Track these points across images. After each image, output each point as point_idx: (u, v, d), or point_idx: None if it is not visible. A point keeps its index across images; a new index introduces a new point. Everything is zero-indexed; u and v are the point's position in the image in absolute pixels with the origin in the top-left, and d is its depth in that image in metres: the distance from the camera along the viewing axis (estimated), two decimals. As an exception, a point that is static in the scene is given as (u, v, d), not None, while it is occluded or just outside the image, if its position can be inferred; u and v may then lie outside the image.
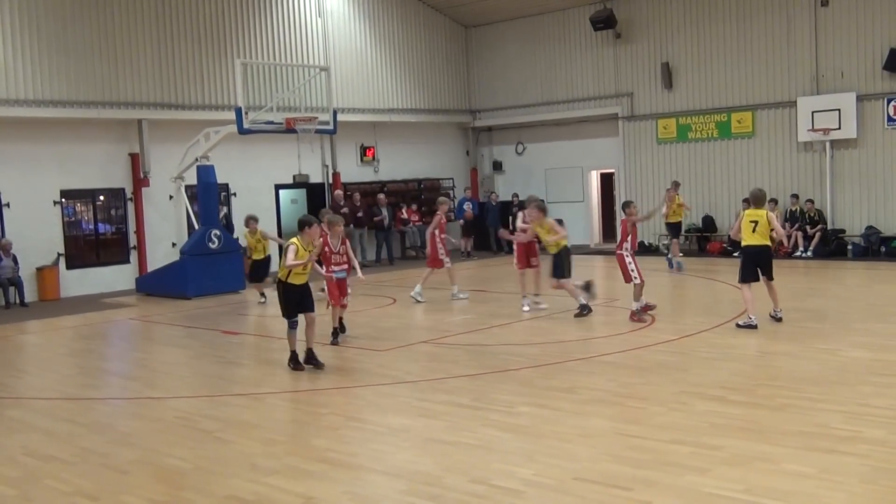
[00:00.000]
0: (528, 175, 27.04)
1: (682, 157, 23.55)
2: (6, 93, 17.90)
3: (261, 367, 11.29)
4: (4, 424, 8.74)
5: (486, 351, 11.23)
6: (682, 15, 23.12)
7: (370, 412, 8.46)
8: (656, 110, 23.88)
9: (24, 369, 12.13)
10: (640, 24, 23.84)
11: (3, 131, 18.36)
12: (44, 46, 18.45)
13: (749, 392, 8.44)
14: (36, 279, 18.80)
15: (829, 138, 20.72)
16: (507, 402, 8.43)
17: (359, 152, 25.13)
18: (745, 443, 6.82)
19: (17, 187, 18.64)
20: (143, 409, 9.19)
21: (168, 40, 20.43)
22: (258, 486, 6.39)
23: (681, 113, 23.40)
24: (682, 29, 23.13)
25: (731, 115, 22.57)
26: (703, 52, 22.86)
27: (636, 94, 24.21)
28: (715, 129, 22.87)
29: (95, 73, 19.23)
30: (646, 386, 8.88)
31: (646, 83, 23.97)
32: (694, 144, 23.29)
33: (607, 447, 6.90)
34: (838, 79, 20.74)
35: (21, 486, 6.69)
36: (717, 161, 22.95)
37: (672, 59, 23.37)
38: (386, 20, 25.14)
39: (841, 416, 7.43)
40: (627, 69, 24.28)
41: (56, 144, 19.21)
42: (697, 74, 23.03)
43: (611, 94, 24.66)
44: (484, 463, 6.67)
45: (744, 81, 22.25)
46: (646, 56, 23.86)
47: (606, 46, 24.51)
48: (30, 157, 18.83)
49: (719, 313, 13.03)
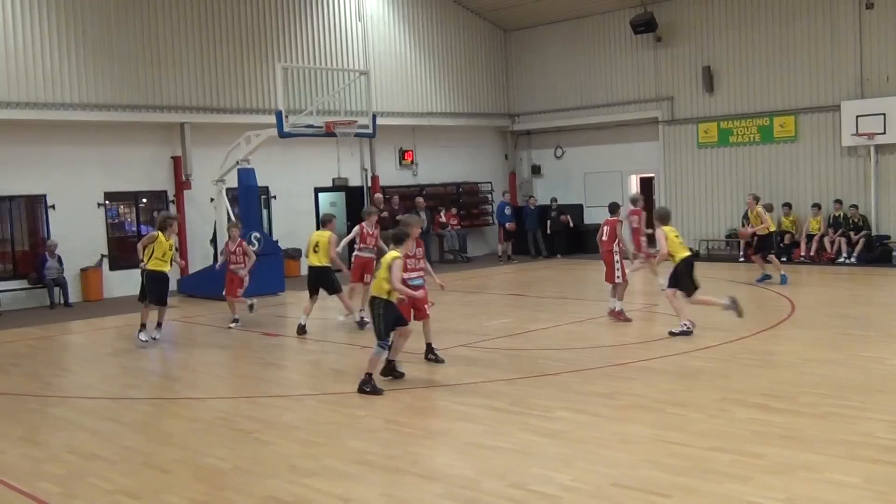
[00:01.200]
0: (567, 179, 26.94)
1: (723, 162, 23.31)
2: (53, 97, 18.21)
3: (300, 369, 11.36)
4: (50, 423, 8.89)
5: (523, 355, 11.20)
6: (723, 18, 22.88)
7: (408, 415, 8.47)
8: (697, 114, 23.66)
9: (68, 368, 12.32)
10: (682, 27, 23.64)
11: (50, 134, 18.69)
12: (89, 51, 18.75)
13: (791, 400, 8.32)
14: (80, 280, 19.09)
15: (874, 143, 20.38)
16: (545, 407, 8.40)
17: (398, 156, 25.21)
18: (787, 451, 6.73)
19: (62, 190, 18.95)
20: (184, 409, 9.29)
21: (210, 45, 20.67)
22: (297, 487, 6.42)
23: (722, 117, 23.16)
24: (724, 32, 22.89)
25: (773, 119, 22.29)
26: (745, 55, 22.60)
27: (677, 98, 24.01)
28: (757, 133, 22.61)
29: (139, 77, 19.50)
30: (686, 392, 8.79)
31: (687, 87, 23.76)
32: (735, 149, 23.03)
33: (646, 453, 6.84)
34: (884, 82, 20.39)
35: (65, 484, 6.79)
36: (759, 166, 22.66)
37: (713, 63, 23.15)
38: (425, 24, 25.21)
39: (886, 426, 7.31)
40: (668, 73, 24.09)
41: (100, 147, 19.51)
42: (739, 78, 22.78)
43: (651, 98, 24.48)
44: (521, 467, 6.65)
45: (786, 85, 21.96)
46: (687, 59, 23.66)
47: (647, 50, 24.34)
48: (75, 159, 19.14)
49: (761, 320, 12.86)
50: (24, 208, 18.83)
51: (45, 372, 11.74)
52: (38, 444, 8.02)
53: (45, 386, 10.78)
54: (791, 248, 21.21)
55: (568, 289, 14.00)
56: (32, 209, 18.91)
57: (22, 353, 13.15)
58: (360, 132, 18.68)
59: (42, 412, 9.37)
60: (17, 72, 17.75)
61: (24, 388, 10.55)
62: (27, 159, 18.46)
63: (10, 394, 10.27)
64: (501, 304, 15.96)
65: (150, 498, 6.39)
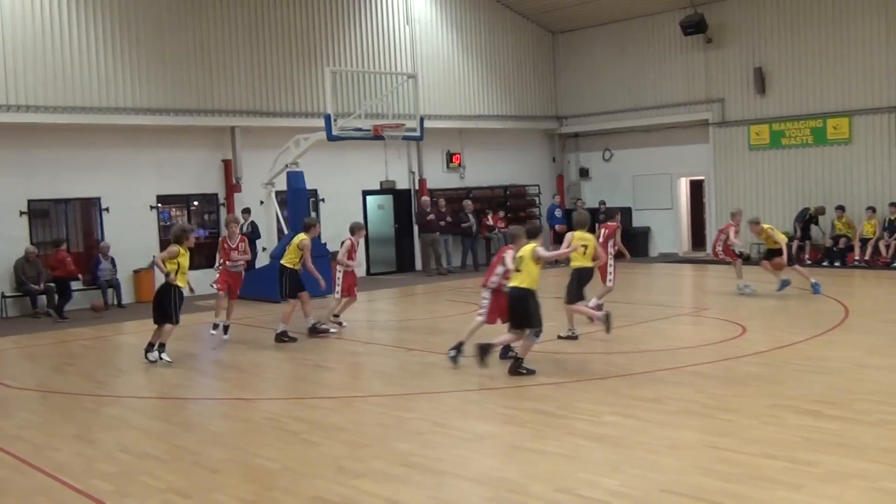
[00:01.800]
0: (615, 182, 26.74)
1: (774, 164, 22.96)
2: (107, 101, 18.55)
3: (347, 371, 11.42)
4: (103, 422, 9.04)
5: (571, 359, 11.14)
6: (775, 18, 22.55)
7: (455, 418, 8.47)
8: (748, 116, 23.34)
9: (121, 368, 12.52)
10: (732, 28, 23.35)
11: (104, 138, 19.03)
12: (142, 56, 19.06)
13: (846, 406, 8.15)
14: (133, 281, 19.39)
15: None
16: (592, 412, 8.34)
17: (445, 158, 25.23)
18: (841, 459, 6.60)
19: (116, 193, 19.29)
20: (234, 409, 9.39)
21: (260, 49, 20.89)
22: (344, 489, 6.45)
23: (774, 119, 22.82)
24: (776, 33, 22.56)
25: (826, 120, 21.90)
26: (797, 56, 22.24)
27: (727, 100, 23.71)
28: (810, 135, 22.23)
29: (191, 82, 19.78)
30: (736, 398, 8.67)
31: (738, 88, 23.46)
32: (787, 151, 22.68)
33: (696, 459, 6.76)
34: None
35: (117, 482, 6.90)
36: (812, 168, 22.28)
37: (765, 64, 22.82)
38: (473, 27, 25.21)
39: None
40: (718, 74, 23.80)
41: (153, 151, 19.82)
42: (792, 79, 22.42)
43: (701, 100, 24.20)
44: (569, 472, 6.61)
45: (840, 86, 21.57)
46: (738, 61, 23.35)
47: (697, 51, 24.08)
48: (128, 163, 19.46)
49: (815, 324, 12.64)
50: (80, 211, 19.20)
51: (99, 372, 11.95)
52: (92, 443, 8.16)
53: (98, 385, 10.97)
54: (845, 252, 20.82)
55: (616, 292, 13.87)
56: (87, 212, 19.28)
57: (76, 353, 13.41)
58: (407, 135, 18.75)
59: (96, 411, 9.53)
60: (72, 77, 18.11)
61: (79, 388, 10.76)
62: (82, 163, 18.82)
63: (65, 393, 10.48)
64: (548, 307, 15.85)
65: (201, 497, 6.46)
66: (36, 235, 18.40)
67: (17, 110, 17.48)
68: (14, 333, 15.49)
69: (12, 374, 12.04)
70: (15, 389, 10.84)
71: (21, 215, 18.15)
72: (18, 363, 13.02)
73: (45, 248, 18.39)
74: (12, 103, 17.39)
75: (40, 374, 11.95)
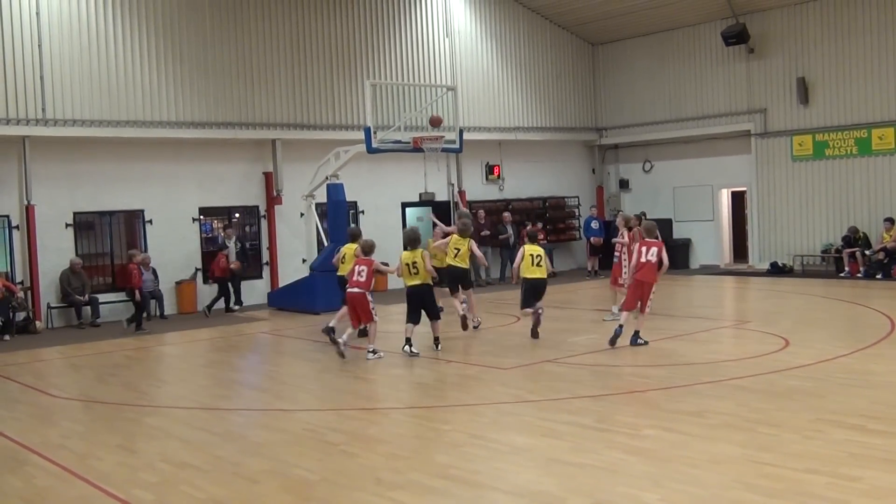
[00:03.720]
0: (656, 193, 26.55)
1: (818, 175, 22.65)
2: (151, 115, 18.82)
3: (386, 383, 11.42)
4: (144, 431, 9.14)
5: (610, 372, 11.05)
6: (819, 28, 22.29)
7: (493, 430, 8.43)
8: (791, 126, 23.07)
9: (163, 379, 12.67)
10: (775, 38, 23.12)
11: (148, 151, 19.31)
12: (186, 70, 19.32)
13: (892, 421, 7.99)
14: (175, 292, 19.63)
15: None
16: (632, 425, 8.27)
17: (484, 170, 25.24)
18: (887, 475, 6.46)
19: (159, 205, 19.54)
20: (273, 420, 9.44)
21: (301, 63, 21.08)
22: (382, 501, 6.45)
23: (817, 129, 22.53)
24: (820, 42, 22.30)
25: (871, 130, 21.58)
26: (841, 65, 21.96)
27: (770, 110, 23.46)
28: (854, 145, 21.92)
29: (233, 96, 20.00)
30: (779, 412, 8.53)
31: (780, 99, 23.21)
32: (831, 162, 22.37)
33: (738, 474, 6.66)
34: None
35: (158, 492, 6.96)
36: (857, 179, 21.96)
37: (808, 74, 22.55)
38: (513, 39, 25.23)
39: None
40: (760, 84, 23.57)
41: (195, 164, 20.06)
42: (835, 89, 22.14)
43: (743, 111, 23.98)
44: (608, 486, 6.55)
45: (885, 96, 21.24)
46: (780, 71, 23.11)
47: (738, 62, 23.88)
48: (171, 175, 19.72)
49: (859, 337, 12.43)
50: (123, 223, 19.46)
51: (141, 382, 12.09)
52: (134, 452, 8.25)
53: (140, 395, 11.10)
54: (891, 264, 20.46)
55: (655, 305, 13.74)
56: (131, 224, 19.53)
57: (119, 364, 13.57)
58: (446, 147, 18.77)
59: (137, 421, 9.64)
60: (117, 91, 18.41)
61: (122, 398, 10.88)
62: (127, 175, 19.10)
63: (108, 403, 10.61)
64: (587, 319, 15.79)
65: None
66: (81, 247, 18.71)
67: (64, 124, 17.81)
68: (59, 343, 15.75)
69: (57, 383, 12.24)
70: (60, 399, 11.02)
71: (66, 227, 18.46)
72: (63, 373, 13.23)
73: (89, 259, 18.71)
74: (59, 117, 17.74)
75: (84, 384, 12.11)
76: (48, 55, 17.61)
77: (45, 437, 8.98)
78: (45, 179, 18.07)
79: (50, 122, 17.66)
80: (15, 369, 13.30)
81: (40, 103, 17.55)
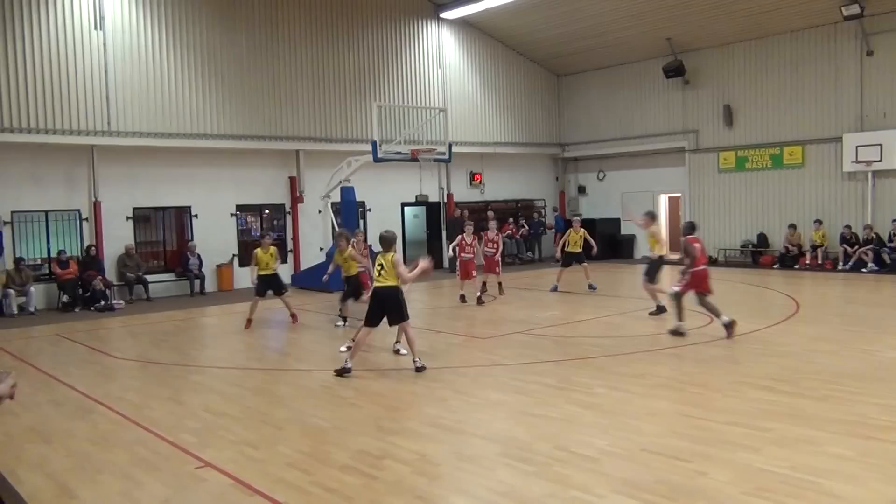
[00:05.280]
0: (608, 197, 26.58)
1: (739, 185, 22.73)
2: (197, 128, 18.73)
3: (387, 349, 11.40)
4: (189, 387, 9.11)
5: (569, 341, 11.08)
6: (742, 64, 22.32)
7: (473, 388, 8.44)
8: (718, 144, 23.12)
9: (205, 343, 12.61)
10: (706, 71, 23.14)
11: (194, 158, 19.21)
12: (226, 91, 19.22)
13: (795, 384, 8.04)
14: (216, 274, 19.57)
15: (872, 169, 19.64)
16: (586, 385, 8.29)
17: (468, 177, 25.21)
18: (791, 427, 6.51)
19: (203, 202, 19.46)
20: (295, 378, 9.42)
21: (320, 87, 20.98)
22: (382, 444, 6.46)
23: (739, 147, 22.58)
24: (742, 75, 22.33)
25: (783, 148, 21.65)
26: (760, 95, 22.01)
27: (701, 131, 23.50)
28: (769, 160, 21.98)
29: (264, 113, 19.90)
30: (705, 375, 8.58)
31: (709, 121, 23.24)
32: (750, 173, 22.44)
33: (671, 425, 6.70)
34: (881, 117, 19.64)
35: (200, 436, 6.95)
36: (771, 188, 22.04)
37: (733, 101, 22.59)
38: (493, 70, 25.16)
39: (878, 408, 7.01)
40: (694, 110, 23.60)
41: (233, 169, 19.97)
42: (755, 114, 22.19)
43: (679, 131, 24.01)
44: (566, 433, 6.58)
45: (795, 120, 21.31)
46: (710, 98, 23.15)
47: (676, 91, 23.89)
48: (213, 178, 19.63)
49: (770, 316, 12.49)
50: (174, 217, 19.38)
51: (187, 346, 12.05)
52: (181, 404, 8.23)
53: (186, 357, 11.06)
54: (797, 258, 20.59)
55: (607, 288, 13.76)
56: (180, 218, 19.45)
57: (169, 332, 13.52)
58: (438, 158, 18.75)
59: (184, 378, 9.61)
60: (169, 109, 18.31)
61: (171, 359, 10.85)
62: (176, 178, 19.01)
63: (160, 363, 10.58)
64: (551, 299, 15.81)
65: (267, 448, 6.49)
66: (139, 236, 18.62)
67: (125, 136, 17.70)
68: (120, 315, 15.67)
69: (118, 347, 12.18)
70: (120, 360, 10.97)
71: (127, 220, 18.36)
72: (123, 339, 13.17)
73: (146, 246, 18.62)
74: (121, 129, 17.63)
75: (140, 347, 12.06)
76: (113, 78, 17.49)
77: (108, 390, 8.94)
78: (110, 180, 17.96)
79: (114, 134, 17.54)
80: (83, 335, 13.24)
81: (106, 118, 17.44)
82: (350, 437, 6.70)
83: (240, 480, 5.71)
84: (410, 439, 6.58)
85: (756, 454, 5.86)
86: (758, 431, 6.42)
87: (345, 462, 6.04)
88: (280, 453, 6.35)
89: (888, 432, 6.30)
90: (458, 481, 5.59)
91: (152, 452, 6.50)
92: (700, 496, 5.07)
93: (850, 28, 19.87)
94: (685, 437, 6.34)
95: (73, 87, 17.01)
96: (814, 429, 6.45)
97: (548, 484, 5.40)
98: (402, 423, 7.09)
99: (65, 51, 16.90)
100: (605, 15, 21.89)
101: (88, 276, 16.78)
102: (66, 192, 17.51)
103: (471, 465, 5.88)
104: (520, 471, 5.69)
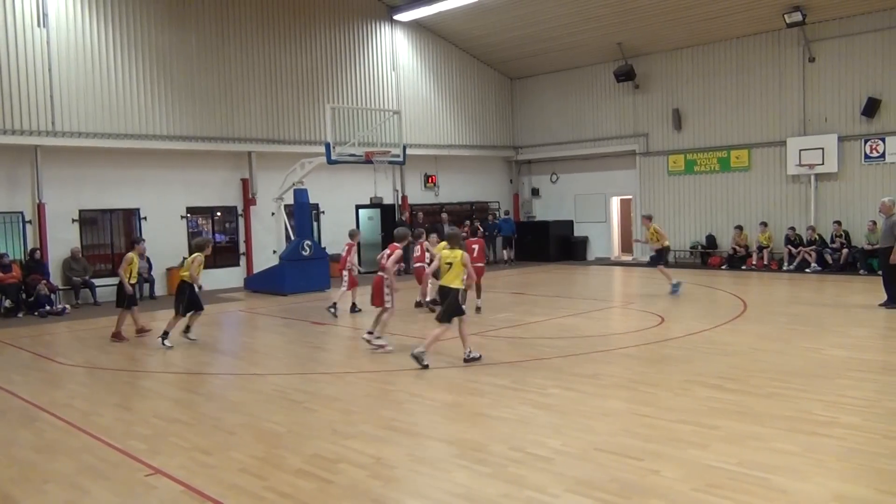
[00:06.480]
0: (561, 200, 26.87)
1: (688, 187, 23.19)
2: (146, 129, 18.37)
3: (342, 352, 11.35)
4: (139, 393, 8.94)
5: (523, 342, 11.15)
6: (690, 69, 22.79)
7: (429, 390, 8.44)
8: (667, 148, 23.55)
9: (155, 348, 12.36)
10: (656, 77, 23.56)
11: (143, 159, 18.85)
12: (175, 92, 18.90)
13: (742, 382, 8.23)
14: (166, 277, 19.22)
15: (814, 172, 20.23)
16: (540, 385, 8.36)
17: (423, 179, 25.23)
18: (739, 424, 6.67)
19: (152, 204, 19.10)
20: (248, 382, 9.30)
21: (273, 88, 20.78)
22: (337, 448, 6.42)
23: (688, 150, 23.04)
24: (691, 81, 22.80)
25: (730, 152, 22.16)
26: (707, 100, 22.50)
27: (651, 135, 23.91)
28: (717, 163, 22.47)
29: (215, 114, 19.63)
30: (656, 374, 8.73)
31: (659, 125, 23.67)
32: (699, 176, 22.91)
33: (623, 424, 6.80)
34: (822, 122, 20.25)
35: (151, 442, 6.82)
36: (718, 190, 22.54)
37: (681, 106, 23.05)
38: (447, 73, 25.23)
39: (821, 404, 7.22)
40: (644, 114, 24.01)
41: (183, 171, 19.64)
42: (703, 118, 22.67)
43: (630, 134, 24.40)
44: (521, 434, 6.62)
45: (742, 124, 21.84)
46: (660, 103, 23.57)
47: (626, 95, 24.27)
48: (163, 180, 19.27)
49: (718, 316, 12.77)
50: (122, 219, 18.96)
51: (136, 351, 11.80)
52: (130, 410, 8.06)
53: (135, 362, 10.85)
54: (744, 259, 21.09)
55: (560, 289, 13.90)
56: (129, 220, 19.05)
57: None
58: (392, 160, 18.73)
59: (133, 384, 9.42)
60: (117, 109, 17.93)
61: (120, 365, 10.63)
62: (125, 179, 18.63)
63: (108, 369, 10.35)
64: (505, 301, 15.91)
65: (220, 455, 6.40)
66: (85, 239, 18.18)
67: (72, 136, 17.27)
68: (66, 320, 15.27)
69: (64, 353, 11.87)
70: (67, 366, 10.70)
71: (73, 222, 17.91)
72: (69, 344, 12.84)
73: (92, 249, 18.18)
74: (67, 129, 17.19)
75: (87, 353, 11.78)
76: (57, 77, 17.06)
77: (53, 398, 8.71)
78: (55, 181, 17.50)
79: (59, 134, 17.10)
80: (27, 341, 12.87)
81: (50, 118, 17.00)
82: (305, 442, 6.65)
83: (191, 487, 5.62)
84: (365, 442, 6.55)
85: (705, 451, 5.98)
86: (707, 429, 6.54)
87: (299, 466, 5.99)
88: (233, 459, 6.26)
89: (830, 427, 6.49)
90: (414, 484, 5.59)
91: (100, 460, 6.35)
92: (652, 494, 5.16)
93: (792, 35, 20.45)
94: (637, 435, 6.43)
95: (16, 85, 16.54)
96: (760, 425, 6.60)
97: (503, 484, 5.43)
98: (357, 427, 7.06)
99: (6, 48, 16.43)
100: (557, 19, 22.14)
101: (32, 281, 16.35)
102: (8, 193, 17.01)
103: (426, 468, 5.88)
104: (475, 472, 5.71)
